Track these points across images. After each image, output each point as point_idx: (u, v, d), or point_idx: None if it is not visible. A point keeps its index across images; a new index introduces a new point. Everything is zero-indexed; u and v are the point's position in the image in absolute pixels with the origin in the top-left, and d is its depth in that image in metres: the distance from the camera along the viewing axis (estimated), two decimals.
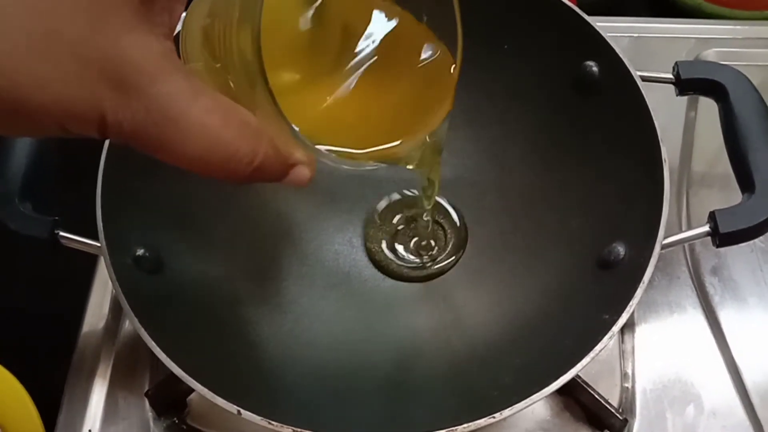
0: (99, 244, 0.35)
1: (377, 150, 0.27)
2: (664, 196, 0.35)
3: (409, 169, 0.30)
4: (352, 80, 0.27)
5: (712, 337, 0.42)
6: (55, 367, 0.43)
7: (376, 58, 0.28)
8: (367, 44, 0.28)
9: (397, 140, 0.28)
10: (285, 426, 0.29)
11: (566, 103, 0.41)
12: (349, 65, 0.28)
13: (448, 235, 0.43)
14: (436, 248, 0.43)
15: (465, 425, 0.29)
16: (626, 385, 0.40)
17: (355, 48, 0.28)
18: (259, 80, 0.21)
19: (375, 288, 0.41)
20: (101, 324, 0.43)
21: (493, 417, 0.30)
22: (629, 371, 0.41)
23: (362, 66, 0.28)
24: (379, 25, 0.28)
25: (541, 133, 0.43)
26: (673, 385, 0.40)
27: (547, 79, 0.42)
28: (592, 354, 0.31)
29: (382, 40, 0.28)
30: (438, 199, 0.43)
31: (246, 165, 0.22)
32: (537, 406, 0.39)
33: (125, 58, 0.20)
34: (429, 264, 0.42)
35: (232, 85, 0.23)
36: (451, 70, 0.29)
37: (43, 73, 0.19)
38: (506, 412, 0.30)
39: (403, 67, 0.29)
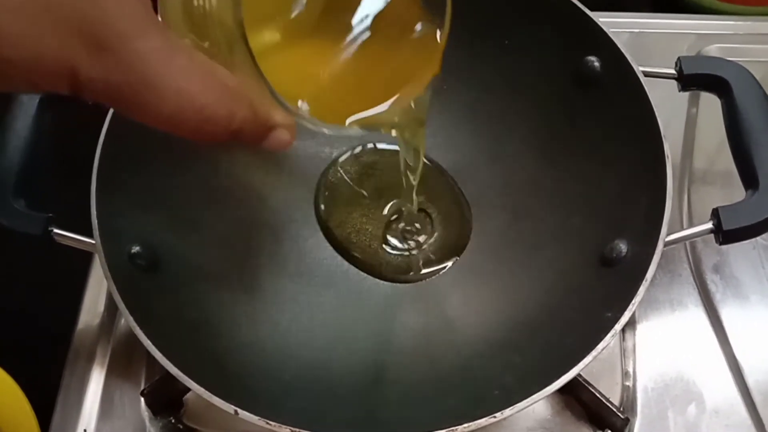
0: (93, 242, 0.35)
1: (360, 116, 0.26)
2: (667, 193, 0.34)
3: (393, 136, 0.30)
4: (338, 44, 0.27)
5: (713, 335, 0.41)
6: (51, 365, 0.42)
7: (364, 26, 0.27)
8: (356, 13, 0.27)
9: (381, 104, 0.27)
10: (283, 426, 0.29)
11: (568, 99, 0.41)
12: (335, 29, 0.27)
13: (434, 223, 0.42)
14: (424, 236, 0.42)
15: (465, 425, 0.29)
16: (627, 383, 0.40)
17: (342, 14, 0.27)
18: (239, 40, 0.21)
19: (374, 286, 0.41)
20: (96, 322, 0.42)
21: (494, 417, 0.29)
22: (630, 369, 0.40)
23: (349, 32, 0.27)
24: None
25: (542, 128, 0.42)
26: (675, 383, 0.40)
27: (548, 75, 0.42)
28: (594, 353, 0.31)
29: (372, 12, 0.27)
30: None
31: (223, 127, 0.21)
32: (538, 405, 0.39)
33: (101, 17, 0.19)
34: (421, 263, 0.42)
35: (209, 46, 0.22)
36: (438, 37, 0.28)
37: (17, 30, 0.19)
38: (507, 412, 0.29)
39: (390, 35, 0.28)
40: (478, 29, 0.43)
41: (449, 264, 0.41)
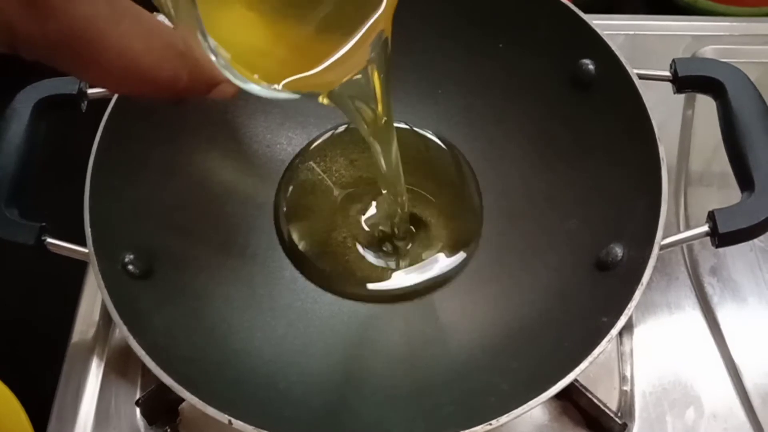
0: (87, 250, 0.34)
1: (294, 77, 0.24)
2: (663, 196, 0.34)
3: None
4: (287, 9, 0.25)
5: (711, 338, 0.41)
6: (46, 374, 0.42)
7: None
8: None
9: (317, 66, 0.25)
10: None
11: (563, 102, 0.41)
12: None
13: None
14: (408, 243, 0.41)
15: None
16: (625, 388, 0.40)
17: None
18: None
19: None
20: (91, 331, 0.42)
21: (490, 424, 0.29)
22: (628, 374, 0.40)
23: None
24: None
25: (537, 132, 0.42)
26: (673, 387, 0.40)
27: (543, 78, 0.42)
28: (590, 358, 0.30)
29: None
30: None
31: (168, 87, 0.22)
32: (535, 411, 0.39)
33: None
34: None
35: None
36: None
37: None
38: (503, 419, 0.29)
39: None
40: (471, 32, 0.43)
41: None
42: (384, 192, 0.38)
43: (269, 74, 0.24)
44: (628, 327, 0.41)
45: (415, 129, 0.45)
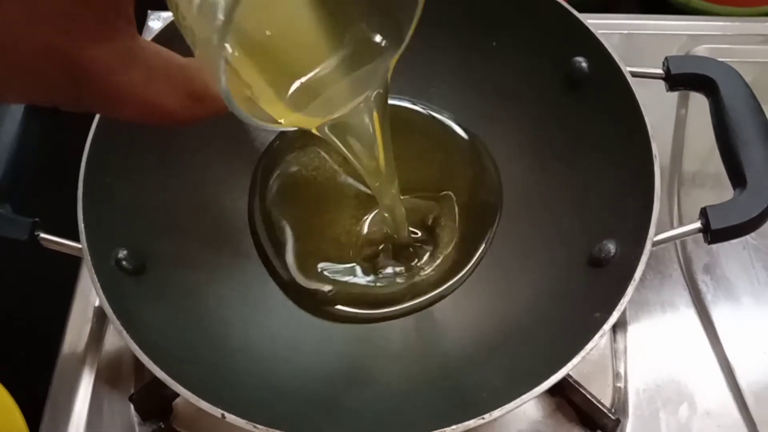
0: (80, 246, 0.34)
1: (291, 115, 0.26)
2: (655, 193, 0.34)
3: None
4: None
5: (705, 336, 0.41)
6: (40, 371, 0.42)
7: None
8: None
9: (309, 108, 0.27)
10: (270, 429, 0.29)
11: (556, 100, 0.41)
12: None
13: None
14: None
15: (454, 427, 0.29)
16: (618, 384, 0.40)
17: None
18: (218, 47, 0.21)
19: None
20: (85, 329, 0.42)
21: (483, 418, 0.29)
22: (621, 371, 0.40)
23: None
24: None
25: (531, 130, 0.42)
26: (666, 384, 0.40)
27: (536, 76, 0.42)
28: (582, 353, 0.30)
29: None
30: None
31: (185, 122, 0.23)
32: (529, 407, 0.39)
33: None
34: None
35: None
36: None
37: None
38: (496, 413, 0.29)
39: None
40: (465, 30, 0.43)
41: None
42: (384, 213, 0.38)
43: (273, 114, 0.26)
44: (622, 324, 0.42)
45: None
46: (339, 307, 0.39)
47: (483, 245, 0.40)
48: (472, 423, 0.29)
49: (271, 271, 0.40)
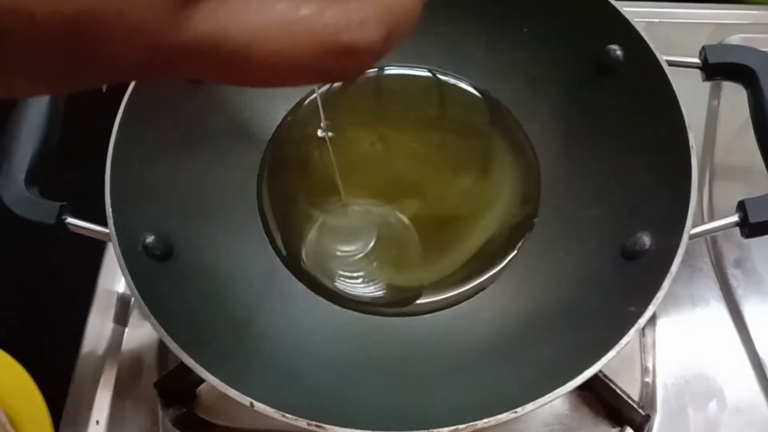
0: (107, 230, 0.34)
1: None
2: (693, 184, 0.33)
3: None
4: None
5: (735, 331, 0.41)
6: (63, 356, 0.42)
7: None
8: None
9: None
10: (299, 419, 0.28)
11: (588, 88, 0.40)
12: None
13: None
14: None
15: (486, 420, 0.28)
16: (647, 379, 0.39)
17: None
18: None
19: None
20: (110, 313, 0.42)
21: (515, 412, 0.29)
22: (650, 366, 0.40)
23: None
24: None
25: (562, 118, 0.41)
26: (695, 380, 0.39)
27: (568, 63, 0.41)
28: (617, 347, 0.30)
29: None
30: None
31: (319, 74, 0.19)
32: (556, 401, 0.38)
33: None
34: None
35: None
36: None
37: None
38: (529, 407, 0.29)
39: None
40: (495, 17, 0.42)
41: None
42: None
43: None
44: (651, 318, 0.41)
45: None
46: (362, 299, 0.39)
47: (518, 241, 0.40)
48: (504, 416, 0.29)
49: (292, 263, 0.40)
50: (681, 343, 0.40)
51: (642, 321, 0.30)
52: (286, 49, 0.18)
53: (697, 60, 0.38)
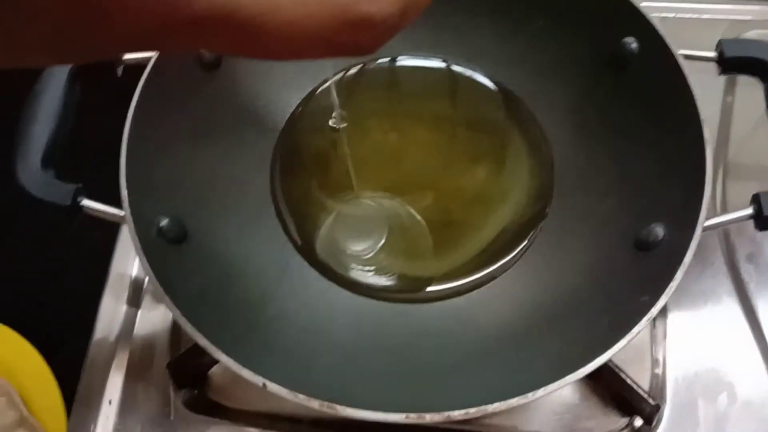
0: (122, 213, 0.34)
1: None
2: (707, 176, 0.33)
3: None
4: None
5: (747, 326, 0.41)
6: (77, 338, 0.42)
7: None
8: None
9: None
10: (312, 399, 0.29)
11: (603, 80, 0.40)
12: None
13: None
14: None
15: (497, 404, 0.28)
16: (657, 371, 0.39)
17: None
18: None
19: None
20: (123, 296, 0.42)
21: (526, 397, 0.29)
22: (660, 357, 0.40)
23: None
24: None
25: (575, 110, 0.41)
26: (706, 373, 0.39)
27: (582, 56, 0.41)
28: (629, 336, 0.30)
29: None
30: None
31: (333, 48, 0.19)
32: (565, 390, 0.39)
33: None
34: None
35: None
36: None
37: None
38: (540, 393, 0.29)
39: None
40: (511, 8, 0.42)
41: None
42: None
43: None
44: (662, 311, 0.41)
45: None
46: (375, 286, 0.39)
47: (530, 232, 0.40)
48: (515, 401, 0.29)
49: (305, 251, 0.40)
50: (692, 336, 0.40)
51: (654, 310, 0.30)
52: (300, 19, 0.17)
53: (713, 54, 0.38)
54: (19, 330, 0.40)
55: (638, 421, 0.38)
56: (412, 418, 0.29)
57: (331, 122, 0.43)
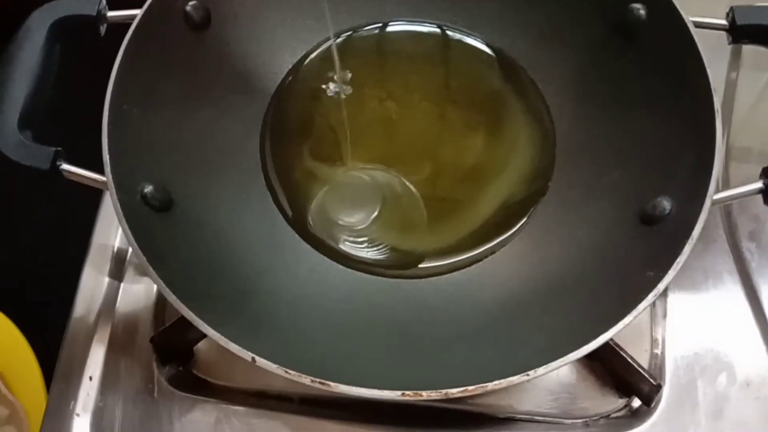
0: (104, 179, 0.33)
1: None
2: (717, 148, 0.32)
3: None
4: None
5: (748, 305, 0.40)
6: (57, 312, 0.40)
7: None
8: None
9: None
10: (303, 375, 0.27)
11: (608, 48, 0.39)
12: None
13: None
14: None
15: (497, 382, 0.27)
16: (656, 351, 0.39)
17: None
18: None
19: None
20: (105, 268, 0.41)
21: (527, 375, 0.28)
22: (659, 337, 0.39)
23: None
24: None
25: (579, 79, 0.40)
26: (706, 353, 0.39)
27: (587, 22, 0.39)
28: (635, 312, 0.29)
29: None
30: None
31: None
32: (562, 369, 0.37)
33: None
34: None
35: None
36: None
37: None
38: (541, 370, 0.28)
39: None
40: None
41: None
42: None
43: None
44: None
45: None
46: (368, 259, 0.38)
47: (531, 206, 0.38)
48: (515, 379, 0.28)
49: (297, 223, 0.39)
50: (692, 315, 0.40)
51: (661, 286, 0.29)
52: None
53: (723, 22, 0.37)
54: None
55: (636, 402, 0.37)
56: (408, 395, 0.27)
57: (332, 87, 0.41)
